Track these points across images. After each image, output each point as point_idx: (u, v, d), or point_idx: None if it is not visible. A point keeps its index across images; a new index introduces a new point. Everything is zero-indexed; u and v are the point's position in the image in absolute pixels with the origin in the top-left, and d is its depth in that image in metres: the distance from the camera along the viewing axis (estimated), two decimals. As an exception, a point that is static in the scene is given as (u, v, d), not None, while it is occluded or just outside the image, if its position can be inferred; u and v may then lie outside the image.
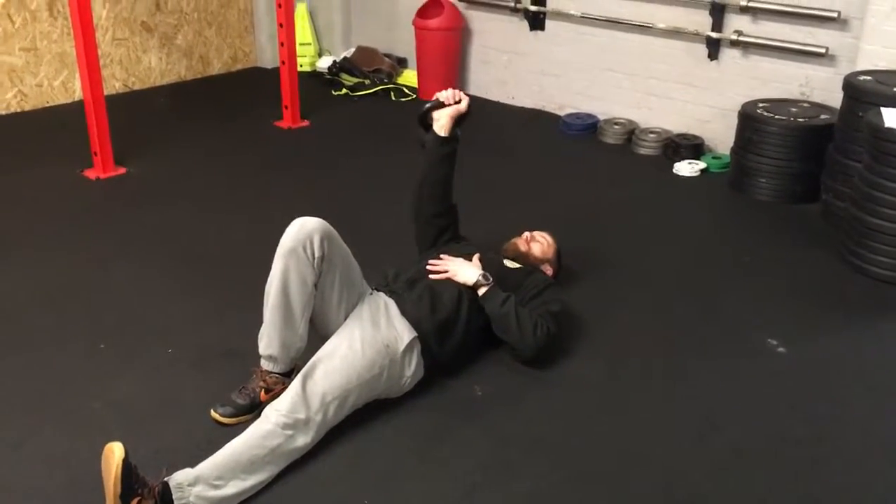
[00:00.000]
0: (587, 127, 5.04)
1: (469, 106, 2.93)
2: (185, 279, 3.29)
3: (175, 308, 3.07)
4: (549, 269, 3.03)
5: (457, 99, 2.92)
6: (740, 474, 2.30)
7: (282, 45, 4.88)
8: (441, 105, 2.92)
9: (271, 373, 2.47)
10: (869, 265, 3.38)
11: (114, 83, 5.54)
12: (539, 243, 3.05)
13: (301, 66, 5.69)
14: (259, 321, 2.48)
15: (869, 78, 3.77)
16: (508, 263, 2.91)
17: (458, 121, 2.95)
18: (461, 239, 3.06)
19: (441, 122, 2.91)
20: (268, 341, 2.45)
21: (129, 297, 3.16)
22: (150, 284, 3.25)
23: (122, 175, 4.28)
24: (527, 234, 3.09)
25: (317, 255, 2.41)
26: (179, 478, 2.05)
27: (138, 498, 1.96)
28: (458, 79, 5.62)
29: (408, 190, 3.11)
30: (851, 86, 3.75)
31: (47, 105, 5.29)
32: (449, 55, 5.56)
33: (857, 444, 2.44)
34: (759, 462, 2.35)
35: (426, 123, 2.96)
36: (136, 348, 2.81)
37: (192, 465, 2.10)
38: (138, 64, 5.68)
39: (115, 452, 1.96)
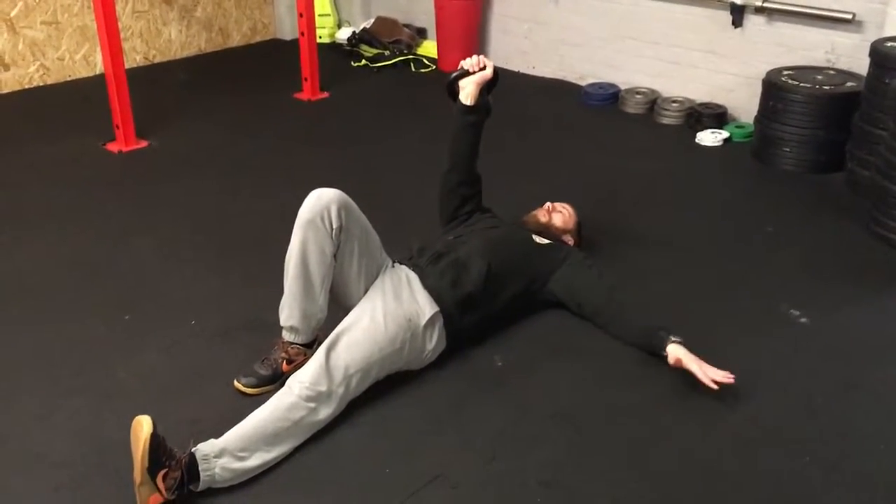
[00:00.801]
0: (609, 97, 4.99)
1: (496, 71, 2.88)
2: (208, 252, 3.32)
3: (198, 280, 3.10)
4: (570, 240, 3.03)
5: (481, 66, 2.87)
6: (761, 445, 2.30)
7: (301, 16, 4.86)
8: (466, 73, 2.88)
9: (293, 343, 2.49)
10: (894, 235, 3.34)
11: (134, 56, 5.56)
12: (560, 213, 3.05)
13: (320, 37, 5.68)
14: (281, 293, 2.50)
15: (896, 44, 3.70)
16: (537, 239, 2.89)
17: (487, 88, 2.90)
18: (485, 211, 3.05)
19: (467, 91, 2.87)
20: (289, 312, 2.47)
21: (152, 269, 3.19)
22: (173, 257, 3.27)
23: (143, 148, 4.31)
24: (548, 204, 3.09)
25: (335, 225, 2.41)
26: (205, 449, 2.08)
27: (165, 470, 1.99)
28: (477, 49, 5.57)
29: (430, 162, 3.11)
30: (878, 52, 3.68)
31: (69, 79, 5.31)
32: (469, 25, 5.51)
33: (880, 414, 2.43)
34: (779, 433, 2.35)
35: (454, 92, 2.92)
36: (159, 320, 2.84)
37: (216, 435, 2.13)
38: (158, 37, 5.68)
39: (143, 426, 1.98)
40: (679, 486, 2.15)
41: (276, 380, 2.44)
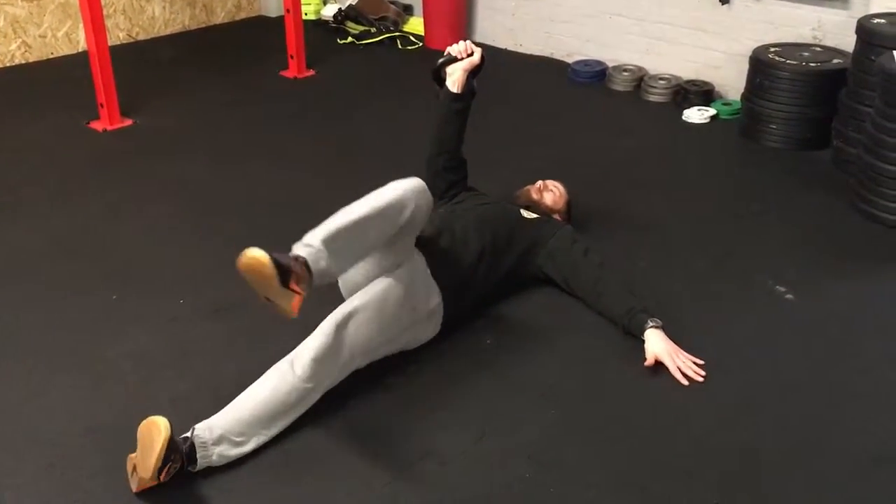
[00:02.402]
0: (596, 74, 4.99)
1: (483, 57, 2.88)
2: (197, 230, 3.30)
3: (187, 259, 3.09)
4: (558, 220, 3.03)
5: (469, 52, 2.85)
6: (746, 420, 2.33)
7: (286, -8, 4.82)
8: (453, 59, 2.86)
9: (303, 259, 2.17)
10: (880, 212, 3.37)
11: (118, 33, 5.49)
12: (551, 192, 3.06)
13: (306, 14, 5.62)
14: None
15: (883, 21, 3.71)
16: (525, 213, 2.91)
17: (473, 73, 2.89)
18: (471, 189, 3.05)
19: (454, 77, 2.86)
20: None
21: (140, 247, 3.17)
22: (162, 235, 3.26)
23: (129, 126, 4.27)
24: (540, 182, 3.10)
25: (410, 220, 2.34)
26: (203, 436, 2.06)
27: (169, 464, 1.98)
28: (464, 26, 5.55)
29: (418, 139, 3.10)
30: (865, 29, 3.69)
31: (52, 56, 5.25)
32: (456, 2, 5.47)
33: (865, 389, 2.46)
34: (765, 408, 2.38)
35: (440, 78, 2.91)
36: (148, 299, 2.83)
37: (207, 414, 2.13)
38: (142, 13, 5.62)
39: (161, 430, 1.94)
40: (667, 461, 2.18)
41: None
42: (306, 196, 3.58)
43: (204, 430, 2.08)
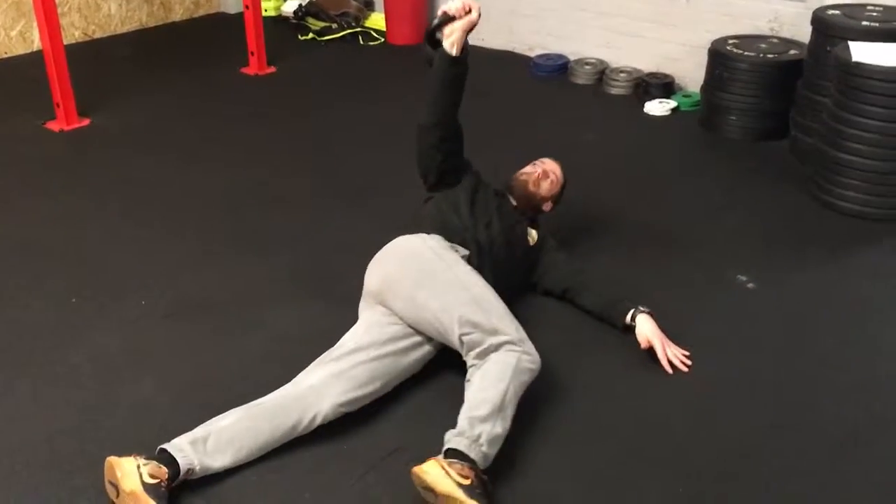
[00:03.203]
0: (558, 68, 5.00)
1: (479, 14, 2.60)
2: (157, 230, 3.26)
3: (147, 259, 3.04)
4: (548, 206, 2.97)
5: (467, 9, 2.58)
6: (709, 409, 2.35)
7: (245, -11, 4.77)
8: (451, 19, 2.58)
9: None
10: (838, 200, 3.42)
11: (73, 32, 5.40)
12: (549, 181, 2.92)
13: (266, 10, 5.58)
14: (231, 269, 2.45)
15: (837, 12, 3.77)
16: (530, 239, 2.81)
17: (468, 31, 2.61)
18: (469, 173, 2.81)
19: (452, 39, 2.56)
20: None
21: (100, 248, 3.12)
22: (122, 236, 3.21)
23: (86, 126, 4.20)
24: (540, 169, 2.92)
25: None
26: (199, 473, 2.02)
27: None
28: (426, 21, 5.54)
29: (382, 133, 3.09)
30: (820, 20, 3.75)
31: (5, 56, 5.15)
32: (417, -3, 5.46)
33: (830, 374, 2.50)
34: (728, 396, 2.40)
35: (435, 40, 2.63)
36: (108, 301, 2.79)
37: (168, 417, 2.10)
38: (98, 11, 5.53)
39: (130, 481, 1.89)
40: (636, 449, 2.20)
41: None
42: (268, 193, 3.55)
43: (201, 469, 2.02)
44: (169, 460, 1.98)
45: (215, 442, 2.04)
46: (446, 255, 2.45)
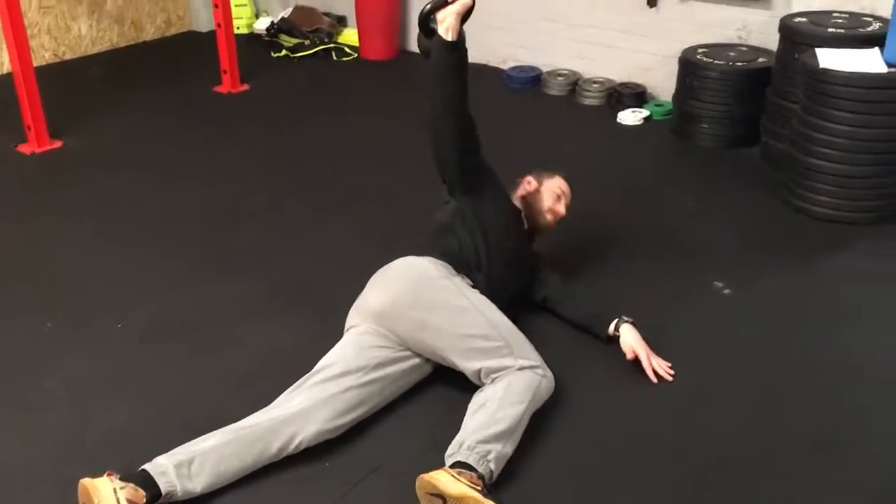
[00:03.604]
0: (531, 79, 5.03)
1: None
2: (132, 251, 3.23)
3: (124, 281, 3.02)
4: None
5: None
6: (692, 415, 2.37)
7: (216, 7, 4.75)
8: (444, 3, 2.45)
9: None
10: (809, 205, 3.46)
11: (43, 53, 5.36)
12: (564, 206, 2.85)
13: (238, 28, 5.57)
14: (212, 289, 2.44)
15: (804, 19, 3.82)
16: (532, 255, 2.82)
17: (464, 17, 2.49)
18: (489, 183, 2.68)
19: (447, 24, 2.42)
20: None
21: (75, 270, 3.09)
22: (97, 257, 3.18)
23: (58, 148, 4.16)
24: (562, 198, 2.82)
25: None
26: (180, 497, 2.00)
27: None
28: (399, 36, 5.56)
29: (355, 150, 3.09)
30: (787, 28, 3.80)
31: (-26, 79, 5.10)
32: (390, 12, 5.47)
33: (803, 377, 2.52)
34: (709, 402, 2.42)
35: (429, 28, 2.50)
36: (85, 323, 2.76)
37: (148, 442, 2.08)
38: (68, 32, 5.49)
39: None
40: (619, 457, 2.20)
41: None
42: (243, 210, 3.54)
43: (181, 493, 2.01)
44: (147, 481, 1.95)
45: (200, 465, 2.02)
46: (457, 279, 2.44)
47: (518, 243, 2.70)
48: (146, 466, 1.99)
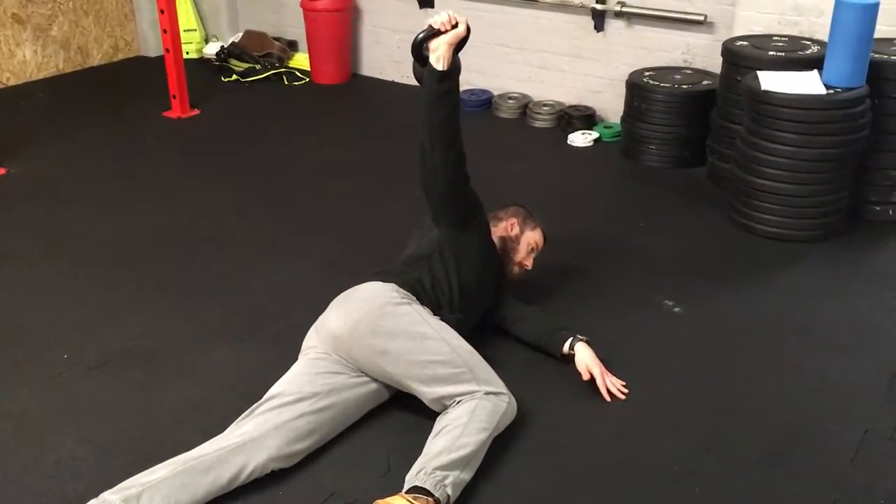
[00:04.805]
0: (482, 103, 5.08)
1: (468, 28, 2.49)
2: (80, 279, 3.17)
3: (68, 311, 2.95)
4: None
5: (453, 23, 2.46)
6: (642, 431, 2.39)
7: (164, 32, 4.72)
8: (437, 33, 2.47)
9: None
10: (755, 223, 3.54)
11: (-14, 79, 5.26)
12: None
13: (187, 53, 5.53)
14: (163, 317, 2.41)
15: (745, 43, 3.93)
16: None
17: (457, 47, 2.51)
18: (477, 218, 2.68)
19: (439, 53, 2.45)
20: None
21: (16, 302, 3.02)
22: (42, 288, 3.11)
23: (2, 176, 4.08)
24: (534, 253, 2.88)
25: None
26: None
27: None
28: (350, 60, 5.57)
29: (307, 174, 3.07)
30: (730, 51, 3.90)
31: (-86, 106, 4.98)
32: (340, 36, 5.49)
33: (749, 393, 2.57)
34: (657, 419, 2.44)
35: (422, 56, 2.53)
36: (28, 356, 2.69)
37: (95, 475, 2.03)
38: (12, 58, 5.39)
39: None
40: (571, 477, 2.21)
41: None
42: (193, 238, 3.49)
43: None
44: None
45: (149, 499, 1.97)
46: (418, 306, 2.43)
47: (489, 280, 2.72)
48: (92, 502, 1.94)
